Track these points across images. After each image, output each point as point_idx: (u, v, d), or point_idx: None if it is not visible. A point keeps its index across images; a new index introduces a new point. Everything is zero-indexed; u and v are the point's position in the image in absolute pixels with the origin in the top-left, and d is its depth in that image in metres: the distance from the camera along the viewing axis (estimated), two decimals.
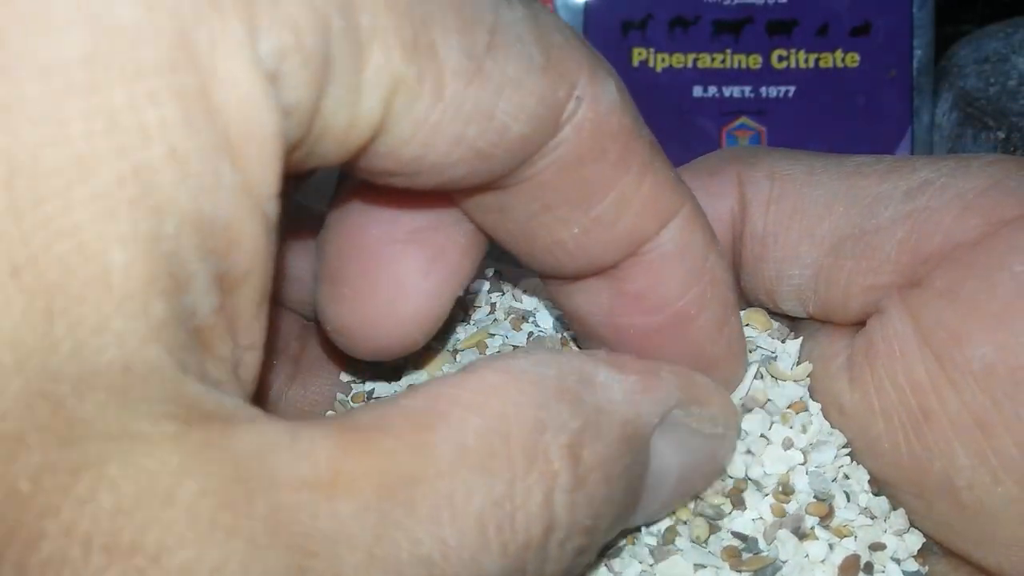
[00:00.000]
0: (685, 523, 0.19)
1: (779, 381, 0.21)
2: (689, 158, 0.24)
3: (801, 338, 0.22)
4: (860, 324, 0.20)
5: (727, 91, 0.46)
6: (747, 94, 0.46)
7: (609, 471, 0.15)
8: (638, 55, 0.45)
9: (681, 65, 0.46)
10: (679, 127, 0.46)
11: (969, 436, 0.18)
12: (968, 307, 0.18)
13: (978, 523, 0.18)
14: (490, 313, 0.23)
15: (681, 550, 0.19)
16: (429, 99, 0.14)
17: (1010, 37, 0.44)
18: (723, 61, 0.46)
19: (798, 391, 0.21)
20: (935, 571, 0.20)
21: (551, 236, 0.17)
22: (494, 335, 0.23)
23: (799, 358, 0.22)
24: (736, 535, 0.19)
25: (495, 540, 0.13)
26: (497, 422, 0.14)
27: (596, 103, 0.16)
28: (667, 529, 0.19)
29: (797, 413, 0.21)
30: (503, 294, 0.24)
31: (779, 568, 0.19)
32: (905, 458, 0.19)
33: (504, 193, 0.17)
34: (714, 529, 0.19)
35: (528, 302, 0.23)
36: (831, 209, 0.20)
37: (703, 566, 0.19)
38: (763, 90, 0.46)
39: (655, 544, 0.19)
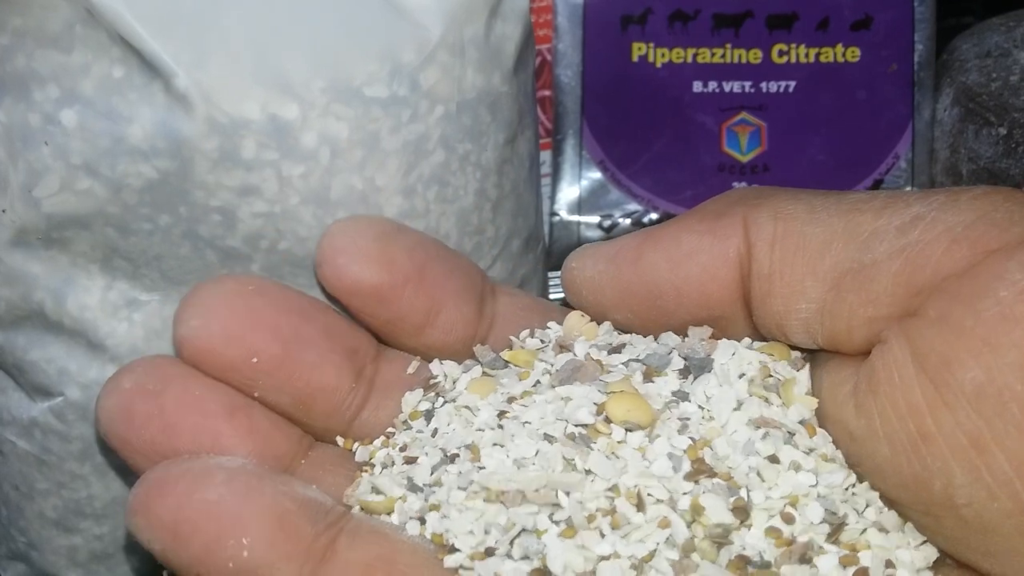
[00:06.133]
0: (697, 541, 0.20)
1: (789, 406, 0.22)
2: (689, 153, 0.25)
3: (808, 366, 0.23)
4: (866, 354, 0.21)
5: (727, 86, 0.45)
6: (747, 89, 0.45)
7: None
8: (637, 50, 0.45)
9: (681, 60, 0.45)
10: (679, 122, 0.45)
11: (964, 455, 0.19)
12: (957, 333, 0.19)
13: (981, 537, 0.19)
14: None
15: (698, 565, 0.20)
16: None
17: (1012, 31, 0.44)
18: (723, 56, 0.45)
19: (808, 414, 0.22)
20: None
21: None
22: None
23: (810, 387, 0.23)
24: (742, 554, 0.20)
25: None
26: None
27: None
28: (684, 544, 0.20)
29: (810, 436, 0.22)
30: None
31: None
32: (909, 480, 0.20)
33: None
34: (723, 545, 0.20)
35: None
36: (831, 246, 0.21)
37: None
38: (763, 85, 0.45)
39: (676, 559, 0.20)
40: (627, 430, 0.22)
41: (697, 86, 0.45)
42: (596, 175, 0.45)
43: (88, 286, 0.28)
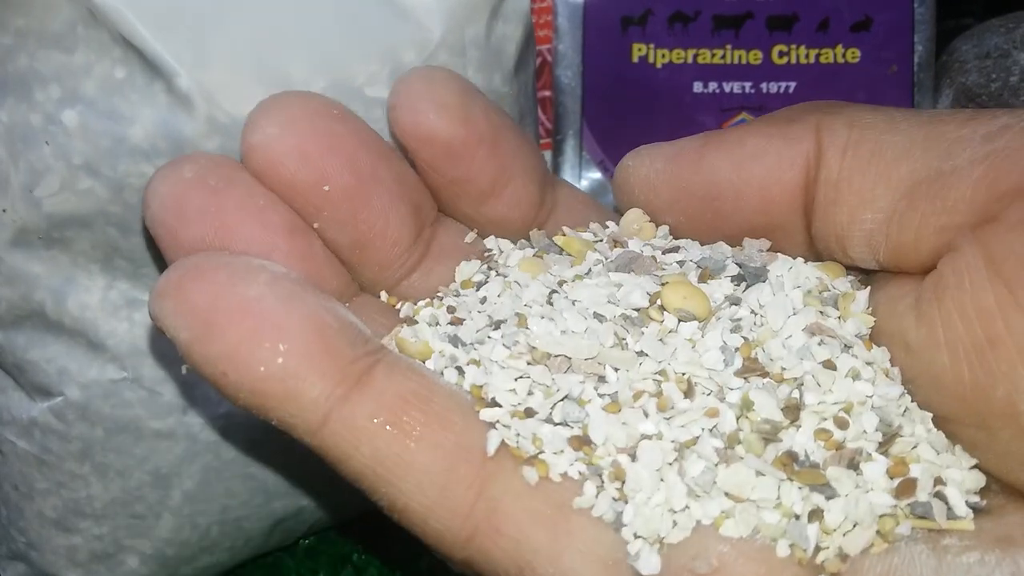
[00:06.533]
0: (742, 436, 0.20)
1: (846, 319, 0.22)
2: None
3: (870, 288, 0.22)
4: (927, 271, 0.21)
5: (727, 87, 0.45)
6: (747, 90, 0.45)
7: None
8: (638, 51, 0.45)
9: (681, 61, 0.45)
10: (679, 123, 0.45)
11: None
12: None
13: None
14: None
15: (742, 458, 0.20)
16: None
17: (1011, 32, 0.44)
18: (723, 56, 0.45)
19: (865, 330, 0.22)
20: (992, 504, 0.20)
21: None
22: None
23: (867, 308, 0.22)
24: (790, 451, 0.20)
25: None
26: None
27: None
28: (728, 437, 0.20)
29: (868, 349, 0.21)
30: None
31: (834, 487, 0.20)
32: (968, 389, 0.19)
33: None
34: (770, 442, 0.20)
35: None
36: (909, 153, 0.21)
37: (763, 474, 0.20)
38: (763, 86, 0.45)
39: (720, 447, 0.20)
40: (680, 320, 0.22)
41: (697, 87, 0.45)
42: (596, 175, 0.45)
43: (89, 286, 0.28)
